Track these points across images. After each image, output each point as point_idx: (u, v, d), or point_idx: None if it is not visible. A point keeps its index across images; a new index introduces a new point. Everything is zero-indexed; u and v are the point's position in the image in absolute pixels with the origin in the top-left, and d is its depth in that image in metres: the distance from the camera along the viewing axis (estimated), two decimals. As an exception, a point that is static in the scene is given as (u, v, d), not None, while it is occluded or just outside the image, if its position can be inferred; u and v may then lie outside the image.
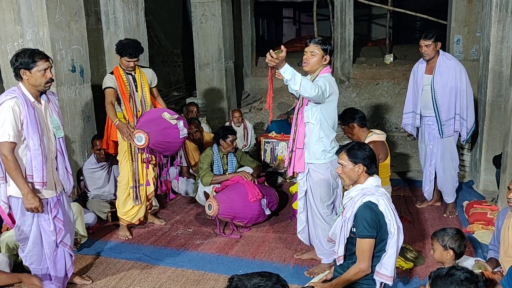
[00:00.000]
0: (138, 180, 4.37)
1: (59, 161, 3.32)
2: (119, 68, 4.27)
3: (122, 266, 3.89)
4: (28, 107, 3.08)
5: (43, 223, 3.25)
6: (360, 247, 2.70)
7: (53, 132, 3.26)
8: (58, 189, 3.31)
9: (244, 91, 10.19)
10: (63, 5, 4.80)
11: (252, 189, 4.47)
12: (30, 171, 3.11)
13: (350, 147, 2.86)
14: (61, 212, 3.32)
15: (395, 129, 8.04)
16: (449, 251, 3.00)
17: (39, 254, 3.31)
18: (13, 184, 3.12)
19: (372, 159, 2.80)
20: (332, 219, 3.55)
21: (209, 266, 3.88)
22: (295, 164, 3.60)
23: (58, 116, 3.33)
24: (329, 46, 3.46)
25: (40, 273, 3.36)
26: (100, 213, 4.72)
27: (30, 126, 3.06)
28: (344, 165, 2.83)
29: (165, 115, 4.25)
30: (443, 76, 4.47)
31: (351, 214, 2.73)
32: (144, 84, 4.34)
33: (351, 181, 2.84)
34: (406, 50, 11.29)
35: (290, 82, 3.15)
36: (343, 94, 9.32)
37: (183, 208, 5.12)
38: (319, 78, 3.41)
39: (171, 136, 4.25)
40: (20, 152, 3.11)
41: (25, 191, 3.08)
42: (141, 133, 4.06)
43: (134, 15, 6.00)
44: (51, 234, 3.27)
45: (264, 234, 4.42)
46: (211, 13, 8.27)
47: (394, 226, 2.71)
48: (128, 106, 4.27)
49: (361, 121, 4.17)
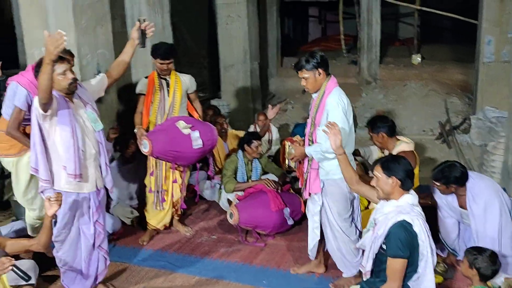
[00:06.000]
0: (161, 184, 4.37)
1: (101, 155, 3.36)
2: (155, 72, 4.30)
3: (146, 274, 3.89)
4: (60, 99, 3.13)
5: (84, 226, 3.33)
6: (392, 266, 2.62)
7: (91, 127, 3.30)
8: (99, 185, 3.36)
9: (269, 91, 10.12)
10: (90, 10, 4.81)
11: (275, 198, 4.39)
12: (65, 163, 3.18)
13: (385, 160, 2.82)
14: (102, 217, 3.39)
15: (423, 131, 7.86)
16: (473, 270, 2.92)
17: (74, 255, 3.38)
18: (58, 181, 3.21)
19: (407, 174, 2.72)
20: (353, 231, 3.53)
21: (233, 275, 3.84)
22: (311, 186, 3.52)
23: (93, 109, 3.37)
24: (313, 60, 3.32)
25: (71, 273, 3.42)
26: (124, 218, 4.72)
27: (62, 118, 3.13)
28: (378, 177, 2.77)
29: (179, 124, 4.16)
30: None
31: (384, 231, 2.66)
32: (178, 90, 4.31)
33: (384, 194, 2.77)
34: (434, 50, 11.03)
35: (320, 158, 3.34)
36: (370, 95, 9.18)
37: (207, 214, 5.08)
38: (329, 104, 3.32)
39: (182, 146, 4.10)
40: (57, 143, 3.17)
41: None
42: (146, 140, 4.03)
43: (160, 18, 6.00)
44: (90, 238, 3.36)
45: (289, 243, 4.35)
46: (237, 15, 8.22)
47: (427, 248, 2.64)
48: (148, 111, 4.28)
49: (390, 130, 4.05)
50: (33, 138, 3.19)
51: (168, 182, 4.37)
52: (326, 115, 3.35)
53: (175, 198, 4.44)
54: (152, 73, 4.37)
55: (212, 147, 4.40)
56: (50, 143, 3.21)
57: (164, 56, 4.21)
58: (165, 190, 4.38)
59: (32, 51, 4.88)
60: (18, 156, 3.83)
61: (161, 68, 4.25)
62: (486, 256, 2.92)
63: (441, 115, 7.97)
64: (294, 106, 9.40)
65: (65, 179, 3.24)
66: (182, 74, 4.48)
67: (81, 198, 3.32)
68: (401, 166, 2.74)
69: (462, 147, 6.81)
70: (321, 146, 3.31)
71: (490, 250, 3.00)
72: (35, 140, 3.19)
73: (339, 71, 10.11)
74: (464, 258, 2.99)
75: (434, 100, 8.51)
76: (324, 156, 3.33)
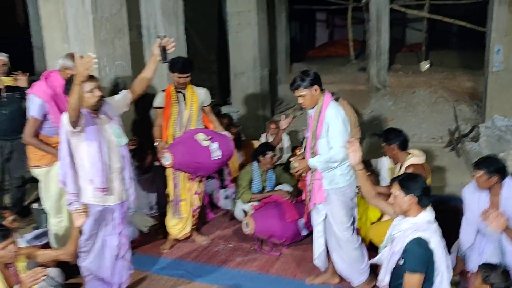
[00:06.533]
0: (180, 194, 4.48)
1: (125, 168, 3.50)
2: (171, 86, 4.41)
3: (165, 283, 4.00)
4: (87, 115, 3.28)
5: (108, 237, 3.48)
6: (409, 281, 2.72)
7: (116, 142, 3.44)
8: (124, 197, 3.50)
9: (278, 98, 10.21)
10: (108, 23, 4.93)
11: (289, 208, 4.51)
12: (91, 176, 3.31)
13: (402, 178, 2.90)
14: (125, 228, 3.55)
15: (432, 139, 7.93)
16: (487, 286, 3.01)
17: (99, 265, 3.52)
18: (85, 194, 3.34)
19: (424, 191, 2.81)
20: (355, 239, 3.69)
21: (250, 284, 3.95)
22: (315, 196, 3.65)
23: (118, 124, 3.52)
24: (308, 78, 3.49)
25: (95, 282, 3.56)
26: (142, 227, 4.84)
27: (89, 133, 3.28)
28: (396, 195, 2.86)
29: (198, 136, 4.29)
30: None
31: (401, 247, 2.76)
32: (194, 102, 4.42)
33: (401, 211, 2.86)
34: (442, 57, 11.08)
35: (324, 168, 3.49)
36: (379, 102, 9.26)
37: (222, 222, 5.19)
38: (328, 116, 3.48)
39: (201, 157, 4.24)
40: (84, 158, 3.31)
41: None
42: (167, 153, 4.15)
43: (174, 29, 6.12)
44: (114, 249, 3.52)
45: (303, 253, 4.44)
46: (247, 22, 8.33)
47: (443, 264, 2.73)
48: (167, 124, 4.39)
49: (402, 144, 4.15)
50: (62, 153, 3.33)
51: (186, 192, 4.48)
52: (326, 127, 3.51)
53: (194, 207, 4.54)
54: (169, 86, 4.48)
55: (230, 157, 4.51)
56: (78, 157, 3.35)
57: (182, 70, 4.32)
58: (183, 200, 4.48)
59: (53, 62, 5.00)
60: (48, 166, 3.98)
61: (178, 81, 4.36)
62: (499, 272, 3.01)
63: (450, 122, 8.02)
64: (302, 112, 9.49)
65: (92, 192, 3.37)
66: (197, 87, 4.59)
67: (106, 210, 3.45)
68: (419, 184, 2.83)
69: (471, 155, 6.87)
70: (324, 156, 3.48)
71: (503, 267, 3.09)
72: (63, 154, 3.32)
73: (348, 78, 10.23)
74: (477, 273, 3.08)
75: (443, 108, 8.58)
76: (328, 165, 3.49)
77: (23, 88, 4.91)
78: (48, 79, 3.95)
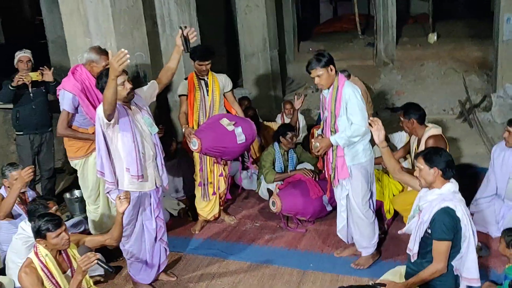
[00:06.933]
0: (207, 178, 4.67)
1: (157, 156, 3.67)
2: (193, 74, 4.55)
3: (200, 262, 4.22)
4: (120, 107, 3.43)
5: (146, 221, 3.69)
6: (438, 249, 2.90)
7: (148, 131, 3.60)
8: (158, 183, 3.68)
9: (287, 77, 10.32)
10: (126, 15, 5.06)
11: (313, 186, 4.69)
12: (128, 165, 3.49)
13: (426, 152, 3.05)
14: (161, 212, 3.75)
15: (443, 111, 8.04)
16: (511, 250, 3.18)
17: (139, 248, 3.73)
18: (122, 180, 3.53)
19: (448, 164, 2.96)
20: (371, 214, 3.89)
21: (281, 260, 4.15)
22: (339, 172, 3.82)
23: (148, 114, 3.67)
24: (324, 58, 3.65)
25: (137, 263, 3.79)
26: (171, 210, 5.04)
27: (123, 124, 3.44)
28: (421, 168, 3.01)
29: (223, 121, 4.46)
30: None
31: (429, 217, 2.93)
32: (216, 89, 4.57)
33: (427, 183, 3.02)
34: (449, 27, 11.04)
35: (346, 143, 3.65)
36: (387, 76, 9.35)
37: (246, 202, 5.39)
38: (346, 94, 3.64)
39: (227, 142, 4.41)
40: (120, 148, 3.48)
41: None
42: (195, 138, 4.32)
43: (187, 16, 6.23)
44: (152, 232, 3.72)
45: (328, 228, 4.64)
46: (255, 4, 8.40)
47: (469, 231, 2.91)
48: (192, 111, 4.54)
49: (421, 118, 4.30)
50: (98, 144, 3.50)
51: (212, 175, 4.66)
52: (344, 105, 3.68)
53: (220, 189, 4.74)
54: (191, 74, 4.62)
55: (253, 140, 4.69)
56: (113, 148, 3.51)
57: (203, 57, 4.46)
58: (211, 183, 4.67)
59: (75, 57, 5.14)
60: (84, 157, 4.18)
61: (199, 69, 4.50)
62: None
63: (460, 93, 8.12)
64: (313, 90, 9.60)
65: (128, 180, 3.55)
66: (217, 74, 4.73)
67: (143, 196, 3.64)
68: (442, 158, 2.98)
69: (484, 125, 6.99)
70: (346, 132, 3.65)
71: None
72: (100, 146, 3.50)
73: (356, 54, 10.29)
74: (501, 238, 3.26)
75: (453, 79, 8.66)
76: (350, 141, 3.66)
77: (48, 82, 5.08)
78: (75, 73, 4.11)
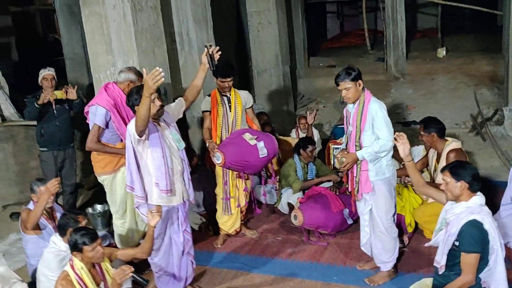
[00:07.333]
0: (229, 192, 4.74)
1: (184, 170, 3.76)
2: (216, 90, 4.66)
3: (226, 276, 4.27)
4: (150, 123, 3.51)
5: (174, 235, 3.77)
6: (466, 261, 2.95)
7: (176, 146, 3.69)
8: (185, 197, 3.76)
9: (298, 92, 10.44)
10: (148, 33, 5.19)
11: (334, 199, 4.77)
12: (157, 180, 3.57)
13: (453, 166, 3.12)
14: (189, 226, 3.82)
15: (455, 125, 8.10)
16: None
17: (167, 261, 3.81)
18: (151, 195, 3.61)
19: (474, 177, 3.02)
20: (394, 229, 3.92)
21: (305, 273, 4.21)
22: (363, 187, 3.87)
23: (176, 130, 3.77)
24: (354, 72, 3.73)
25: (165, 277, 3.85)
26: (193, 225, 5.10)
27: (153, 140, 3.54)
28: (447, 181, 3.08)
29: (245, 136, 4.56)
30: None
31: (456, 230, 2.99)
32: (238, 105, 4.68)
33: (454, 197, 3.08)
34: (458, 41, 11.20)
35: (373, 158, 3.71)
36: (398, 91, 9.45)
37: (266, 216, 5.45)
38: (373, 109, 3.71)
39: (250, 156, 4.50)
40: (149, 163, 3.57)
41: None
42: (219, 153, 4.41)
43: (205, 33, 6.39)
44: (180, 245, 3.80)
45: (349, 241, 4.69)
46: (267, 21, 8.54)
47: (497, 243, 2.97)
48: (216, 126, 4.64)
49: (441, 132, 4.39)
50: (128, 160, 3.60)
51: (234, 189, 4.74)
52: (370, 120, 3.75)
53: (242, 204, 4.81)
54: (214, 90, 4.73)
55: (275, 155, 4.78)
56: (143, 163, 3.61)
57: (225, 74, 4.57)
58: (232, 197, 4.75)
59: (97, 74, 5.27)
60: (113, 173, 4.26)
61: (222, 86, 4.61)
62: None
63: (472, 107, 8.16)
64: (325, 105, 9.71)
65: (157, 194, 3.64)
66: (239, 90, 4.84)
67: (171, 210, 3.72)
68: (468, 171, 3.06)
69: (497, 138, 7.05)
70: (373, 147, 3.71)
71: None
72: (130, 161, 3.59)
73: (367, 69, 10.33)
74: None
75: (464, 93, 8.74)
76: (377, 156, 3.73)
77: (72, 100, 5.20)
78: (107, 90, 4.22)
